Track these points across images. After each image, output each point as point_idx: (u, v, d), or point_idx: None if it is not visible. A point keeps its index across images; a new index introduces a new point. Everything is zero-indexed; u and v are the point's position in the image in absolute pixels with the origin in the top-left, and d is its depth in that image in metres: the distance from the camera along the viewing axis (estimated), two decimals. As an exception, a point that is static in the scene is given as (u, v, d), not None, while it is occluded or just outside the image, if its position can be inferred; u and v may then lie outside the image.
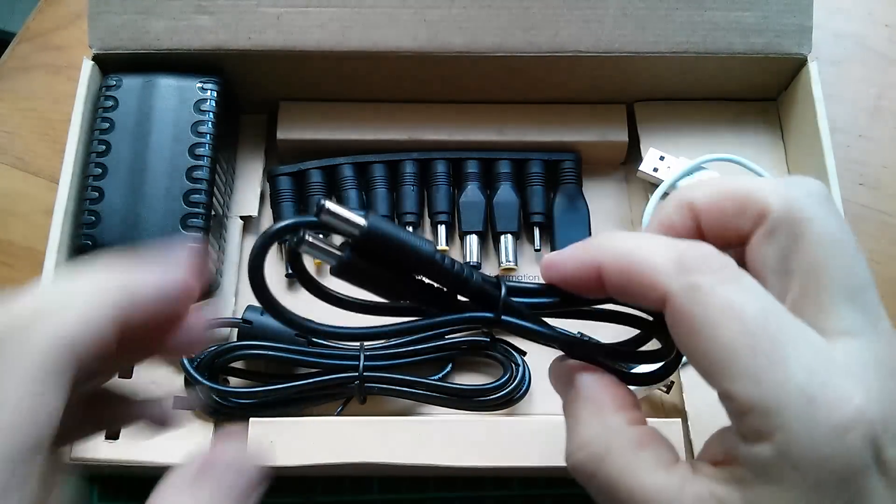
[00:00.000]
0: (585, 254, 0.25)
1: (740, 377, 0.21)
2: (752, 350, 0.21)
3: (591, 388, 0.26)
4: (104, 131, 0.43)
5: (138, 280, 0.23)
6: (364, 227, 0.23)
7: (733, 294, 0.22)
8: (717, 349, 0.22)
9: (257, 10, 0.45)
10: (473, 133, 0.49)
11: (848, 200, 0.50)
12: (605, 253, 0.24)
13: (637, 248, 0.24)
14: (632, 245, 0.24)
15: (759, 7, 0.46)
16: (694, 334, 0.22)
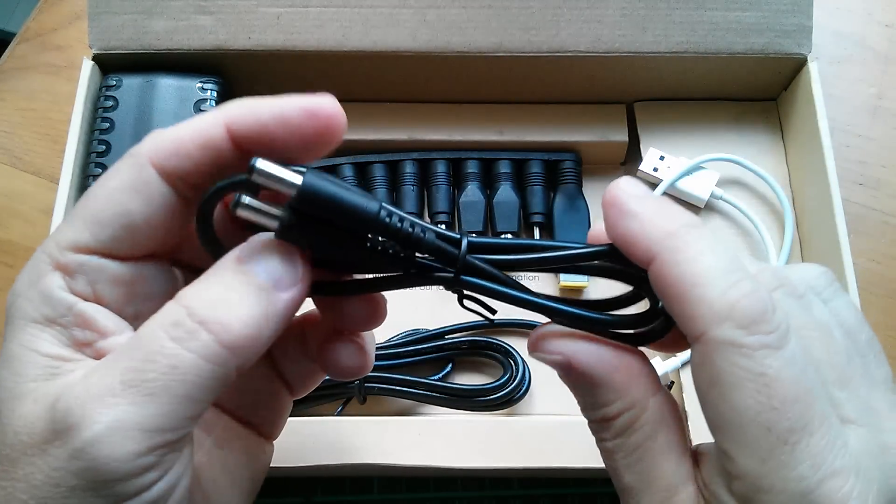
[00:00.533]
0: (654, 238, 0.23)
1: (746, 448, 0.21)
2: (769, 429, 0.21)
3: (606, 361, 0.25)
4: (104, 131, 0.43)
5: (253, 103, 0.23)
6: (299, 186, 0.22)
7: (771, 360, 0.21)
8: (732, 412, 0.21)
9: (257, 11, 0.45)
10: (473, 133, 0.49)
11: (848, 200, 0.50)
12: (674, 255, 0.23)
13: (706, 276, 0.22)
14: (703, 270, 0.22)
15: (759, 7, 0.46)
16: (712, 389, 0.22)
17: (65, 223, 0.23)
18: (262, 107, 0.23)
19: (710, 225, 0.47)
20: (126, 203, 0.23)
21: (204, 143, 0.23)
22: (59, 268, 0.23)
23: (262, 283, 0.22)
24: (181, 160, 0.23)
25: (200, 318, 0.21)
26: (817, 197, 0.45)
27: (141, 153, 0.23)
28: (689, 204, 0.48)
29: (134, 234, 0.23)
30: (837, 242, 0.42)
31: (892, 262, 0.51)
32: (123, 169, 0.23)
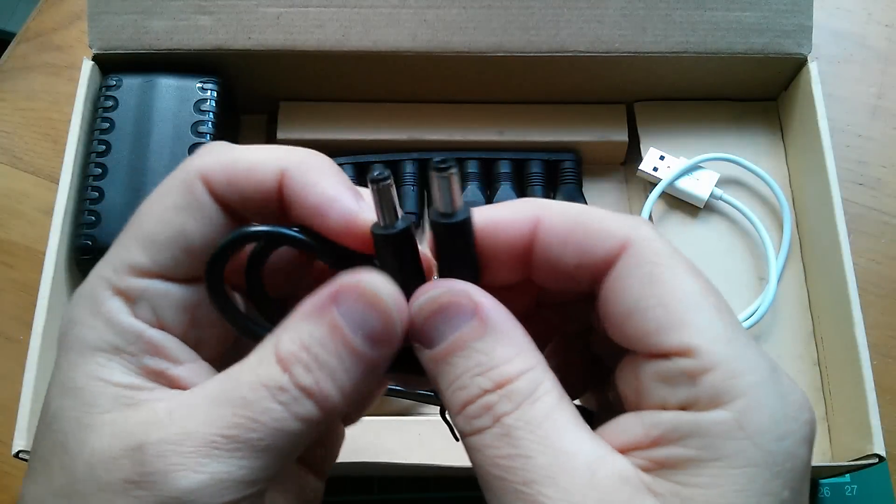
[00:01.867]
0: (521, 205, 0.23)
1: (707, 331, 0.20)
2: (718, 309, 0.20)
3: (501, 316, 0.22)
4: (104, 131, 0.43)
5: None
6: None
7: (689, 260, 0.21)
8: (683, 299, 0.20)
9: (257, 11, 0.45)
10: (473, 133, 0.49)
11: (848, 200, 0.50)
12: (546, 205, 0.23)
13: (583, 207, 0.23)
14: (576, 205, 0.23)
15: (759, 7, 0.46)
16: (655, 283, 0.21)
17: (118, 246, 0.23)
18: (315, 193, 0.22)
19: (710, 225, 0.48)
20: (182, 224, 0.22)
21: (255, 186, 0.22)
22: (119, 293, 0.22)
23: (360, 348, 0.21)
24: (231, 190, 0.22)
25: (304, 385, 0.21)
26: (817, 197, 0.45)
27: (191, 171, 0.22)
28: (689, 204, 0.48)
29: (193, 256, 0.22)
30: (837, 242, 0.42)
31: (892, 262, 0.51)
32: (175, 187, 0.23)
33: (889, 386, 0.47)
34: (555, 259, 0.22)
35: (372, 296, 0.21)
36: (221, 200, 0.22)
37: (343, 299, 0.21)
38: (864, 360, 0.40)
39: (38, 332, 0.39)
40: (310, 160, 0.23)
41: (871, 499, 0.45)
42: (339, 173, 0.23)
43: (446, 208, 0.22)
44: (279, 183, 0.22)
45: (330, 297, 0.21)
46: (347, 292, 0.21)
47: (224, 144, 0.24)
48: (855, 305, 0.41)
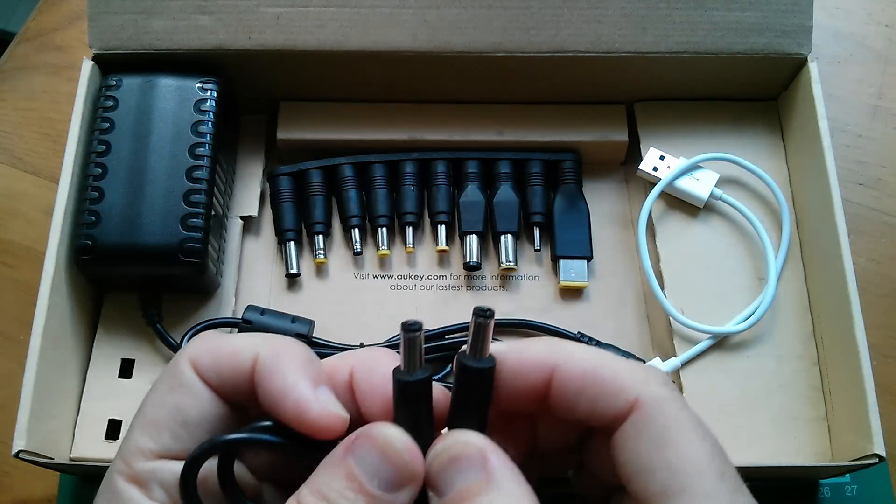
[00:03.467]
0: (541, 353, 0.24)
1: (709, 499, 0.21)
2: (722, 474, 0.22)
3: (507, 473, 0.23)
4: (104, 131, 0.43)
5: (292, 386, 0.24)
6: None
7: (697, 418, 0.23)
8: (689, 465, 0.22)
9: (257, 10, 0.45)
10: (473, 133, 0.49)
11: (848, 200, 0.50)
12: (564, 354, 0.24)
13: (599, 355, 0.24)
14: (592, 352, 0.24)
15: (759, 7, 0.46)
16: (664, 446, 0.22)
17: (127, 436, 0.24)
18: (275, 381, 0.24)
19: (710, 224, 0.48)
20: (176, 403, 0.24)
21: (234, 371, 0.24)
22: (132, 480, 0.23)
23: (376, 493, 0.22)
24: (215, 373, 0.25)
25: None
26: (817, 197, 0.45)
27: (182, 356, 0.25)
28: (688, 204, 0.48)
29: (192, 431, 0.24)
30: (837, 242, 0.42)
31: (892, 262, 0.51)
32: (169, 372, 0.25)
33: (889, 386, 0.47)
34: (567, 409, 0.24)
35: (384, 443, 0.23)
36: (209, 382, 0.25)
37: (358, 449, 0.23)
38: (864, 360, 0.40)
39: (38, 332, 0.39)
40: (281, 349, 0.25)
41: (871, 499, 0.45)
42: (306, 363, 0.25)
43: (477, 353, 0.24)
44: (252, 369, 0.24)
45: (345, 448, 0.23)
46: (362, 443, 0.23)
47: (214, 334, 0.26)
48: (855, 305, 0.41)
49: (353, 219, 0.48)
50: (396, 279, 0.48)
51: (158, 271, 0.42)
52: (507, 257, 0.47)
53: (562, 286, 0.47)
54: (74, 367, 0.43)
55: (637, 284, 0.48)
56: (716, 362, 0.44)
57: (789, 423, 0.43)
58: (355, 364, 0.25)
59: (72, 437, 0.42)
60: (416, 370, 0.23)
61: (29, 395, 0.38)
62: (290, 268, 0.47)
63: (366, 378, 0.25)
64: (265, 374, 0.24)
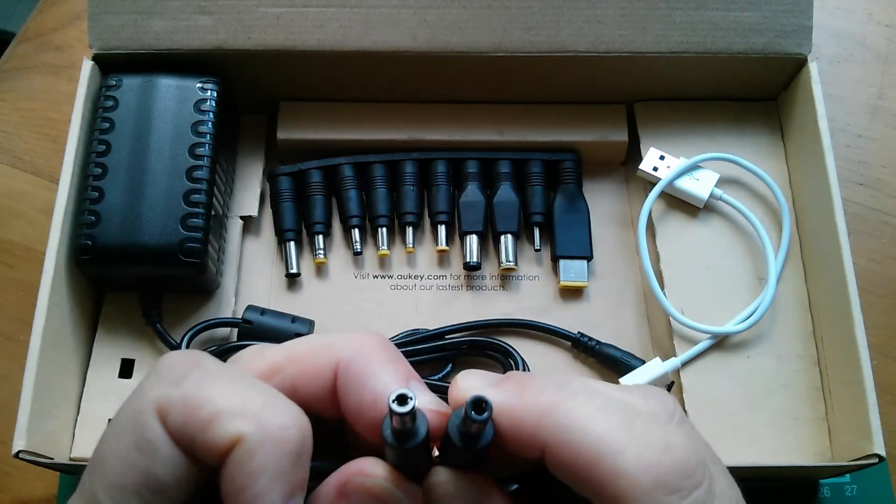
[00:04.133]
0: (533, 428, 0.21)
1: None
2: None
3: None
4: (104, 131, 0.43)
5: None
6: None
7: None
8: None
9: (257, 11, 0.45)
10: (473, 133, 0.49)
11: (848, 200, 0.50)
12: (563, 433, 0.20)
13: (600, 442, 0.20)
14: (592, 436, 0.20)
15: (759, 7, 0.46)
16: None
17: (87, 497, 0.21)
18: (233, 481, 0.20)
19: (710, 224, 0.48)
20: (147, 467, 0.20)
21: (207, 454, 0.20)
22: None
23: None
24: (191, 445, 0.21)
25: None
26: (817, 197, 0.45)
27: (146, 410, 0.21)
28: (688, 204, 0.48)
29: (166, 493, 0.21)
30: (837, 242, 0.42)
31: (892, 262, 0.51)
32: (133, 425, 0.21)
33: (889, 386, 0.47)
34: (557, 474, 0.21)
35: (381, 495, 0.21)
36: (181, 445, 0.21)
37: (350, 494, 0.21)
38: (864, 359, 0.40)
39: (38, 331, 0.39)
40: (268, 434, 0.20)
41: (871, 499, 0.45)
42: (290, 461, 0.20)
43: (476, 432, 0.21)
44: (229, 449, 0.20)
45: (339, 493, 0.21)
46: (356, 491, 0.21)
47: (187, 363, 0.21)
48: (855, 305, 0.41)
49: (353, 219, 0.48)
50: (396, 279, 0.48)
51: (158, 271, 0.42)
52: (507, 257, 0.47)
53: (562, 286, 0.47)
54: (74, 367, 0.43)
55: (637, 284, 0.48)
56: (716, 362, 0.44)
57: (789, 422, 0.43)
58: (342, 364, 0.22)
59: (72, 437, 0.42)
60: (410, 435, 0.21)
61: (29, 395, 0.38)
62: (290, 268, 0.47)
63: (353, 392, 0.22)
64: (233, 472, 0.20)
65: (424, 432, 0.21)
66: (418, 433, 0.21)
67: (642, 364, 0.44)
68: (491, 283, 0.48)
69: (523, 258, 0.48)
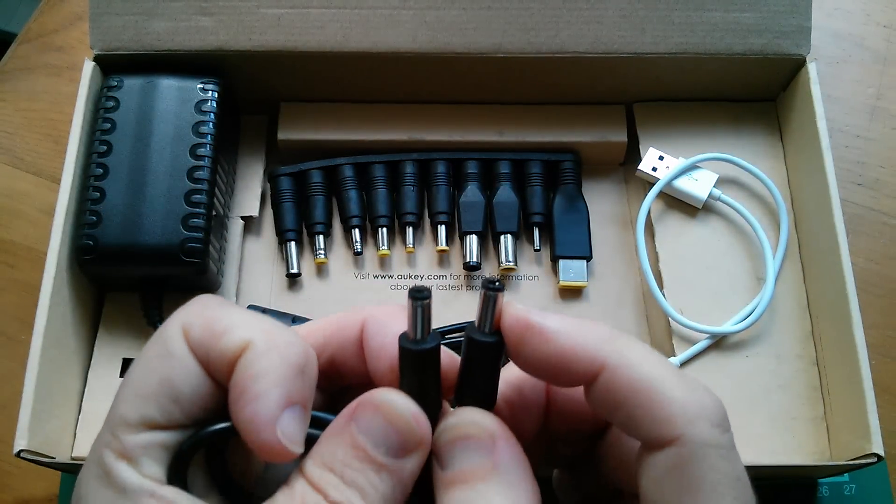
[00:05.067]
0: (595, 346, 0.22)
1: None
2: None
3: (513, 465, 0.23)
4: (105, 132, 0.43)
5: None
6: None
7: (739, 462, 0.21)
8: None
9: (258, 12, 0.45)
10: (473, 133, 0.49)
11: (847, 200, 0.51)
12: (619, 357, 0.22)
13: (657, 369, 0.22)
14: (650, 363, 0.22)
15: (757, 8, 0.46)
16: (695, 494, 0.21)
17: (113, 405, 0.23)
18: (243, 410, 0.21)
19: (709, 225, 0.48)
20: (167, 374, 0.22)
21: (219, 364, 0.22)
22: (121, 455, 0.22)
23: (382, 461, 0.22)
24: (203, 348, 0.22)
25: (337, 502, 0.21)
26: (816, 197, 0.45)
27: (173, 324, 0.23)
28: (687, 204, 0.48)
29: (183, 406, 0.22)
30: (836, 242, 0.42)
31: (890, 262, 0.51)
32: (158, 338, 0.23)
33: (888, 386, 0.47)
34: (604, 408, 0.23)
35: (388, 409, 0.22)
36: (198, 356, 0.23)
37: (361, 416, 0.22)
38: (862, 359, 0.40)
39: (40, 331, 0.39)
40: (274, 345, 0.22)
41: (870, 498, 0.45)
42: (293, 371, 0.22)
43: (484, 327, 0.23)
44: (237, 356, 0.22)
45: (348, 416, 0.22)
46: (365, 409, 0.22)
47: (214, 300, 0.24)
48: (854, 305, 0.41)
49: (354, 219, 0.48)
50: (396, 279, 0.48)
51: (160, 271, 0.43)
52: (507, 257, 0.47)
53: (561, 286, 0.47)
54: (76, 366, 0.43)
55: (636, 284, 0.48)
56: (714, 362, 0.44)
57: (788, 422, 0.43)
58: (367, 319, 0.24)
59: (73, 437, 0.42)
60: (424, 338, 0.22)
61: (30, 395, 0.38)
62: (290, 268, 0.47)
63: (376, 336, 0.24)
64: (240, 372, 0.22)
65: (436, 347, 0.22)
66: (431, 344, 0.22)
67: (641, 364, 0.44)
68: (491, 283, 0.48)
69: (523, 258, 0.49)
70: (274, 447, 0.21)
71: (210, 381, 0.23)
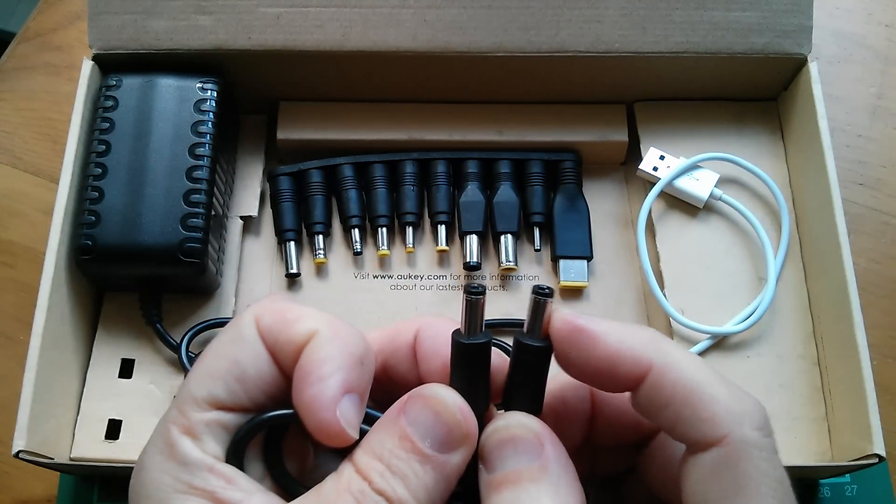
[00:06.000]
0: (642, 347, 0.23)
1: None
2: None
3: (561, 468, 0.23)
4: (104, 131, 0.43)
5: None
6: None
7: (780, 464, 0.22)
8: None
9: (257, 11, 0.45)
10: (473, 133, 0.49)
11: (848, 200, 0.50)
12: (666, 358, 0.22)
13: (702, 371, 0.22)
14: (695, 365, 0.23)
15: (759, 7, 0.46)
16: (738, 495, 0.21)
17: (183, 384, 0.24)
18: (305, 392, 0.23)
19: (710, 224, 0.48)
20: (235, 355, 0.23)
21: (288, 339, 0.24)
22: (186, 431, 0.23)
23: (427, 453, 0.22)
24: (272, 334, 0.24)
25: (381, 490, 0.22)
26: (817, 197, 0.45)
27: (249, 310, 0.24)
28: (688, 204, 0.48)
29: (248, 387, 0.23)
30: (837, 242, 0.42)
31: (892, 262, 0.51)
32: (232, 325, 0.24)
33: (889, 386, 0.47)
34: (649, 410, 0.23)
35: (436, 403, 0.23)
36: (267, 342, 0.24)
37: (410, 409, 0.23)
38: (864, 359, 0.40)
39: (38, 331, 0.39)
40: (339, 337, 0.23)
41: (871, 499, 0.45)
42: (353, 361, 0.23)
43: (534, 332, 0.23)
44: (304, 344, 0.23)
45: (399, 408, 0.23)
46: (414, 402, 0.23)
47: (285, 297, 0.26)
48: (855, 305, 0.41)
49: (353, 219, 0.48)
50: (396, 279, 0.48)
51: (158, 271, 0.42)
52: (507, 257, 0.47)
53: (562, 286, 0.47)
54: (74, 367, 0.43)
55: (637, 284, 0.48)
56: (716, 362, 0.44)
57: (789, 422, 0.43)
58: (421, 325, 0.25)
59: (72, 437, 0.42)
60: (476, 334, 0.23)
61: (29, 395, 0.38)
62: (290, 268, 0.47)
63: (429, 339, 0.25)
64: (306, 356, 0.23)
65: (487, 342, 0.23)
66: (483, 339, 0.23)
67: (642, 364, 0.44)
68: (491, 283, 0.48)
69: (523, 258, 0.48)
70: (332, 427, 0.22)
71: (275, 369, 0.24)
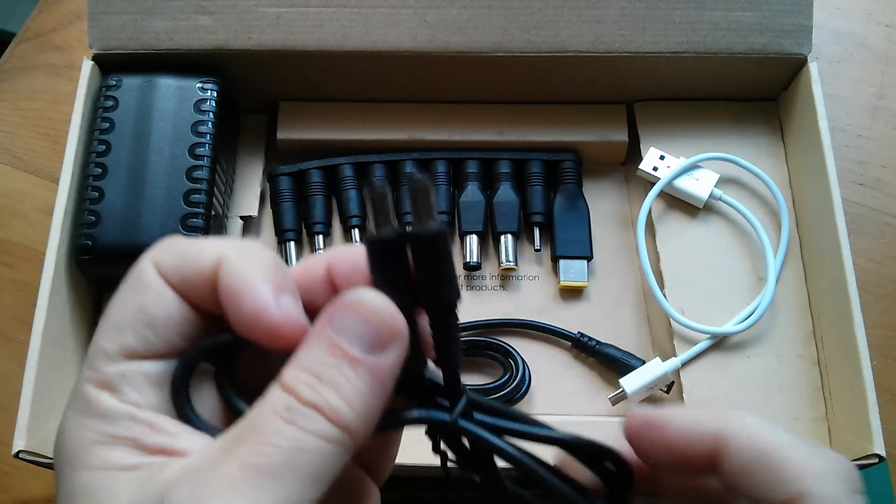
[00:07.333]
0: (712, 421, 0.23)
1: None
2: None
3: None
4: (104, 131, 0.43)
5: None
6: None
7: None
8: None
9: (257, 11, 0.45)
10: (473, 133, 0.49)
11: (848, 200, 0.50)
12: (735, 427, 0.23)
13: (773, 434, 0.22)
14: (765, 429, 0.23)
15: (759, 7, 0.46)
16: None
17: (91, 342, 0.23)
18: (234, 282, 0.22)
19: (710, 224, 0.48)
20: (140, 302, 0.22)
21: (195, 271, 0.23)
22: (101, 385, 0.22)
23: (358, 356, 0.21)
24: (177, 273, 0.23)
25: (310, 401, 0.21)
26: (817, 197, 0.45)
27: (145, 258, 0.23)
28: (688, 203, 0.48)
29: (158, 331, 0.23)
30: (837, 242, 0.42)
31: (892, 262, 0.51)
32: (131, 274, 0.23)
33: (889, 386, 0.47)
34: (730, 481, 0.23)
35: (360, 305, 0.22)
36: (172, 283, 0.23)
37: (334, 316, 0.22)
38: (864, 359, 0.40)
39: (38, 331, 0.39)
40: (247, 251, 0.23)
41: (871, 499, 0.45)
42: (272, 267, 0.23)
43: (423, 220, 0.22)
44: (215, 271, 0.22)
45: (323, 320, 0.22)
46: (338, 309, 0.22)
47: (179, 237, 0.24)
48: (855, 305, 0.41)
49: (354, 219, 0.48)
50: (396, 279, 0.48)
51: (158, 271, 0.42)
52: (507, 257, 0.47)
53: (562, 286, 0.47)
54: (74, 366, 0.43)
55: (637, 284, 0.48)
56: (715, 362, 0.44)
57: (789, 423, 0.43)
58: (332, 258, 0.24)
59: (72, 437, 0.42)
60: (387, 229, 0.22)
61: (29, 395, 0.38)
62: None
63: (344, 263, 0.24)
64: (226, 276, 0.22)
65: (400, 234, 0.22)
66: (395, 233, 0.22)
67: (642, 364, 0.44)
68: (491, 283, 0.48)
69: (523, 258, 0.48)
70: (283, 324, 0.22)
71: (186, 307, 0.23)
